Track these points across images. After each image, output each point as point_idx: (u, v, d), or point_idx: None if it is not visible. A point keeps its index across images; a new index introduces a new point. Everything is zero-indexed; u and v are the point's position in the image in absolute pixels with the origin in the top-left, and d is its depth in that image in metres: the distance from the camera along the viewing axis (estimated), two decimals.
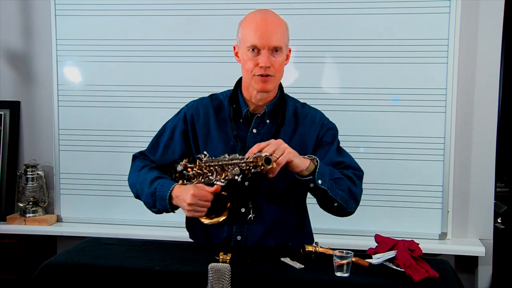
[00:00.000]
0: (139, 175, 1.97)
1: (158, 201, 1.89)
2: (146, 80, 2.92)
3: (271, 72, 1.86)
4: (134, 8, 2.91)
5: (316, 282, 1.57)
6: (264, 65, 1.83)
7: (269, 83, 1.87)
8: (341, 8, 2.75)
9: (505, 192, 3.28)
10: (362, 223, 2.77)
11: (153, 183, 1.91)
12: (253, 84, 1.89)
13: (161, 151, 2.02)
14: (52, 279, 1.67)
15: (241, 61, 1.92)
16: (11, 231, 2.94)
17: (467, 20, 2.70)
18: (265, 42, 1.83)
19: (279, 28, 1.88)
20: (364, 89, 2.76)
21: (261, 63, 1.84)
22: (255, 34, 1.84)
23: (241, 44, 1.90)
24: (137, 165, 2.02)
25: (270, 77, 1.86)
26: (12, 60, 3.10)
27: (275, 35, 1.85)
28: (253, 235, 1.93)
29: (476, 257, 2.74)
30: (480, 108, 2.73)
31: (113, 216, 3.00)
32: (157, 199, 1.89)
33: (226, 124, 1.96)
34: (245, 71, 1.91)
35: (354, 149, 2.75)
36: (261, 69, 1.84)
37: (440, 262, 1.77)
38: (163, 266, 1.65)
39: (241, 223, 1.92)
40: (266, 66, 1.84)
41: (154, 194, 1.89)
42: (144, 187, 1.93)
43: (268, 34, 1.84)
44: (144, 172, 1.97)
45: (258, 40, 1.83)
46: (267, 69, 1.84)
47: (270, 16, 1.89)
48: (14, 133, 3.10)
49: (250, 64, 1.86)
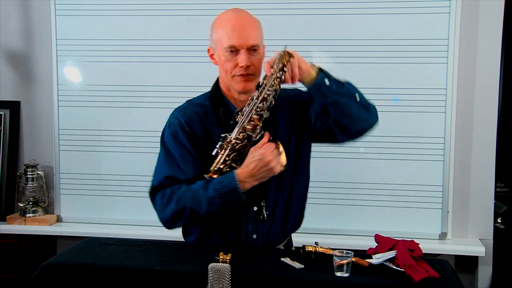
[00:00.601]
0: (179, 199, 1.80)
1: (227, 198, 1.76)
2: (146, 80, 2.92)
3: (252, 71, 1.83)
4: (134, 8, 2.91)
5: (316, 282, 1.57)
6: (244, 64, 1.80)
7: (251, 83, 1.84)
8: (341, 8, 2.75)
9: (505, 192, 3.28)
10: (362, 223, 2.78)
11: (207, 188, 1.78)
12: (233, 85, 1.85)
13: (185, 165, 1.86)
14: (52, 279, 1.67)
15: (219, 62, 1.88)
16: (11, 231, 2.95)
17: (467, 20, 2.70)
18: (243, 41, 1.80)
19: (255, 27, 1.85)
20: (364, 89, 2.72)
21: (241, 62, 1.81)
22: (232, 34, 1.80)
23: (217, 45, 1.86)
24: (164, 194, 1.83)
25: (251, 76, 1.83)
26: (12, 60, 3.10)
27: (252, 34, 1.82)
28: (266, 232, 1.92)
29: (476, 257, 2.74)
30: (480, 108, 2.73)
31: (113, 216, 3.00)
32: (224, 196, 1.76)
33: (218, 127, 1.89)
34: (224, 72, 1.86)
35: (354, 149, 2.77)
36: (242, 69, 1.81)
37: (440, 262, 1.77)
38: (163, 266, 1.65)
39: (255, 221, 1.90)
40: (246, 65, 1.81)
41: (218, 193, 1.76)
42: (200, 199, 1.78)
43: (245, 33, 1.81)
44: (183, 192, 1.81)
45: (236, 40, 1.80)
46: (247, 69, 1.82)
47: (244, 15, 1.87)
48: (14, 133, 3.10)
49: (229, 65, 1.83)
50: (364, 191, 2.78)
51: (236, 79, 1.84)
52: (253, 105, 1.79)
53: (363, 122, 1.90)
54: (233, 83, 1.85)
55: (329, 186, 2.79)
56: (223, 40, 1.83)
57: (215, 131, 1.87)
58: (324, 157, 2.77)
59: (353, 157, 2.78)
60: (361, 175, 2.77)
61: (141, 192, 2.91)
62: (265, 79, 1.79)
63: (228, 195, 1.76)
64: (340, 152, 2.75)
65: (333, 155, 2.77)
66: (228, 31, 1.82)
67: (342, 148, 2.75)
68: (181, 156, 1.86)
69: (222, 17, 1.88)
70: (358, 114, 1.87)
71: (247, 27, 1.83)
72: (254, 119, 1.79)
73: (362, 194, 2.78)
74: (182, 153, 1.86)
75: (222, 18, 1.88)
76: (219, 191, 1.76)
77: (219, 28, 1.86)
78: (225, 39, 1.82)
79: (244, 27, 1.82)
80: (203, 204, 1.78)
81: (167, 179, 1.84)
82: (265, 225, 1.91)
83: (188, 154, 1.86)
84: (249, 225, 1.90)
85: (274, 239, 1.95)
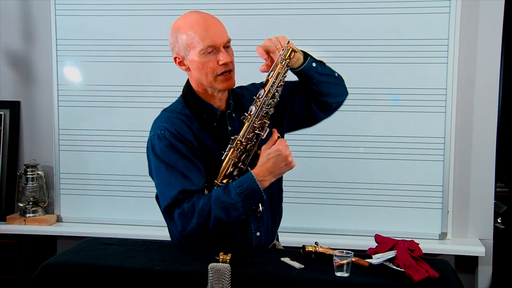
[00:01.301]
0: (201, 211, 1.74)
1: (250, 199, 1.75)
2: (146, 80, 2.92)
3: (231, 67, 1.83)
4: (134, 8, 2.92)
5: (316, 282, 1.57)
6: (227, 61, 1.79)
7: (233, 79, 1.85)
8: (341, 8, 2.75)
9: (505, 192, 3.28)
10: (362, 223, 2.78)
11: (229, 194, 1.75)
12: (216, 85, 1.83)
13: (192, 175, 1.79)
14: (52, 279, 1.67)
15: (193, 66, 1.83)
16: (11, 231, 2.95)
17: (467, 20, 2.70)
18: (219, 39, 1.79)
19: (220, 23, 1.85)
20: (364, 89, 2.76)
21: (223, 60, 1.79)
22: (206, 35, 1.78)
23: (188, 50, 1.81)
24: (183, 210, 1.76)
25: (232, 72, 1.84)
26: (12, 60, 3.10)
27: (224, 30, 1.83)
28: (266, 227, 1.93)
29: (476, 257, 2.74)
30: (480, 108, 2.74)
31: (113, 216, 3.00)
32: (247, 198, 1.74)
33: (204, 132, 1.86)
34: (204, 74, 1.82)
35: (354, 149, 2.77)
36: (225, 66, 1.80)
37: (440, 262, 1.77)
38: (163, 266, 1.65)
39: (255, 219, 1.90)
40: (228, 62, 1.80)
41: (241, 197, 1.73)
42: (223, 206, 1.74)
43: (218, 31, 1.81)
44: (203, 203, 1.75)
45: (213, 38, 1.78)
46: (228, 65, 1.81)
47: (206, 15, 1.84)
48: (14, 133, 3.10)
49: (210, 65, 1.80)
50: (364, 191, 2.78)
51: (219, 79, 1.82)
52: (262, 103, 1.79)
53: (342, 96, 2.00)
54: (216, 83, 1.83)
55: (329, 186, 2.79)
56: (196, 43, 1.79)
57: (203, 136, 1.85)
58: (324, 157, 2.78)
59: (353, 157, 2.78)
60: (361, 175, 2.77)
61: (141, 192, 2.92)
62: (270, 76, 1.80)
63: (251, 197, 1.75)
64: (340, 152, 2.75)
65: (333, 155, 2.78)
66: (201, 32, 1.79)
67: (342, 148, 2.76)
68: (184, 166, 1.79)
69: (185, 21, 1.84)
70: (337, 89, 1.97)
71: (217, 24, 1.82)
72: (262, 118, 1.80)
73: (362, 194, 2.78)
74: (185, 163, 1.79)
75: (186, 21, 1.83)
76: (241, 194, 1.74)
77: (186, 32, 1.81)
78: (199, 41, 1.79)
79: (214, 25, 1.81)
80: (227, 211, 1.74)
81: (180, 193, 1.77)
82: (264, 221, 1.91)
83: (190, 163, 1.80)
84: (251, 223, 1.90)
85: (272, 234, 1.97)
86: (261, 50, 1.83)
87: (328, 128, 2.47)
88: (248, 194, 1.75)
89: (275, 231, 2.01)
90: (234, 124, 1.92)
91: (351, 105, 2.74)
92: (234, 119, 1.93)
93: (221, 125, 1.90)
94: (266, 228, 1.92)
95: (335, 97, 1.97)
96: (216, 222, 1.75)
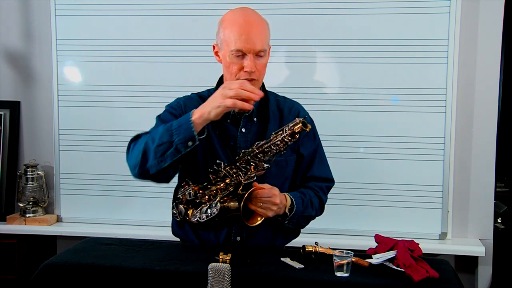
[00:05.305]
0: (139, 142, 1.83)
1: (177, 129, 1.73)
2: (146, 80, 2.92)
3: (256, 76, 1.82)
4: (134, 8, 2.91)
5: (316, 282, 1.57)
6: (250, 69, 1.80)
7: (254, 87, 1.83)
8: (341, 8, 2.75)
9: (505, 192, 3.28)
10: (362, 223, 2.78)
11: (166, 124, 1.78)
12: None
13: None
14: (52, 279, 1.67)
15: (223, 62, 1.87)
16: (11, 231, 2.94)
17: (467, 20, 2.70)
18: (251, 47, 1.79)
19: (262, 30, 1.83)
20: (364, 89, 2.76)
21: (247, 67, 1.80)
22: (239, 38, 1.78)
23: (223, 45, 1.84)
24: (142, 137, 1.84)
25: (254, 80, 1.82)
26: (12, 60, 3.10)
27: (259, 39, 1.80)
28: (251, 234, 1.92)
29: (476, 257, 2.74)
30: (480, 108, 2.74)
31: (113, 216, 3.00)
32: (175, 129, 1.73)
33: (216, 124, 1.88)
34: (228, 73, 1.85)
35: (354, 149, 2.77)
36: (247, 73, 1.80)
37: (440, 262, 1.77)
38: (163, 266, 1.65)
39: (240, 224, 1.90)
40: (251, 71, 1.80)
41: (170, 127, 1.74)
42: (155, 134, 1.78)
43: (253, 38, 1.79)
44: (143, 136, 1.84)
45: (244, 44, 1.78)
46: (252, 74, 1.81)
47: (252, 17, 1.83)
48: (14, 133, 3.10)
49: (235, 67, 1.82)
50: (364, 191, 2.78)
51: None
52: (250, 153, 1.79)
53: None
54: None
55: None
56: (230, 42, 1.81)
57: (215, 128, 1.88)
58: None
59: (353, 157, 2.78)
60: (361, 175, 2.77)
61: (141, 192, 2.92)
62: (274, 137, 1.78)
63: (179, 127, 1.73)
64: (340, 152, 2.75)
65: (333, 155, 2.76)
66: (236, 34, 1.79)
67: (342, 148, 2.76)
68: (165, 121, 1.86)
69: (230, 17, 1.85)
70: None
71: (255, 31, 1.80)
72: (249, 166, 1.80)
73: (362, 194, 2.78)
74: (168, 119, 1.87)
75: (230, 18, 1.84)
76: (173, 123, 1.75)
77: (226, 28, 1.83)
78: (232, 41, 1.80)
79: (251, 32, 1.79)
80: (154, 141, 1.76)
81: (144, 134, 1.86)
82: (252, 228, 1.86)
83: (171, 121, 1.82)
84: (233, 227, 1.91)
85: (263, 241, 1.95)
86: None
87: (328, 128, 2.47)
88: (178, 123, 1.74)
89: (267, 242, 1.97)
90: (250, 128, 1.92)
91: (351, 105, 2.76)
92: (254, 123, 1.93)
93: (233, 123, 1.91)
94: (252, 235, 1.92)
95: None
96: (141, 156, 1.79)
